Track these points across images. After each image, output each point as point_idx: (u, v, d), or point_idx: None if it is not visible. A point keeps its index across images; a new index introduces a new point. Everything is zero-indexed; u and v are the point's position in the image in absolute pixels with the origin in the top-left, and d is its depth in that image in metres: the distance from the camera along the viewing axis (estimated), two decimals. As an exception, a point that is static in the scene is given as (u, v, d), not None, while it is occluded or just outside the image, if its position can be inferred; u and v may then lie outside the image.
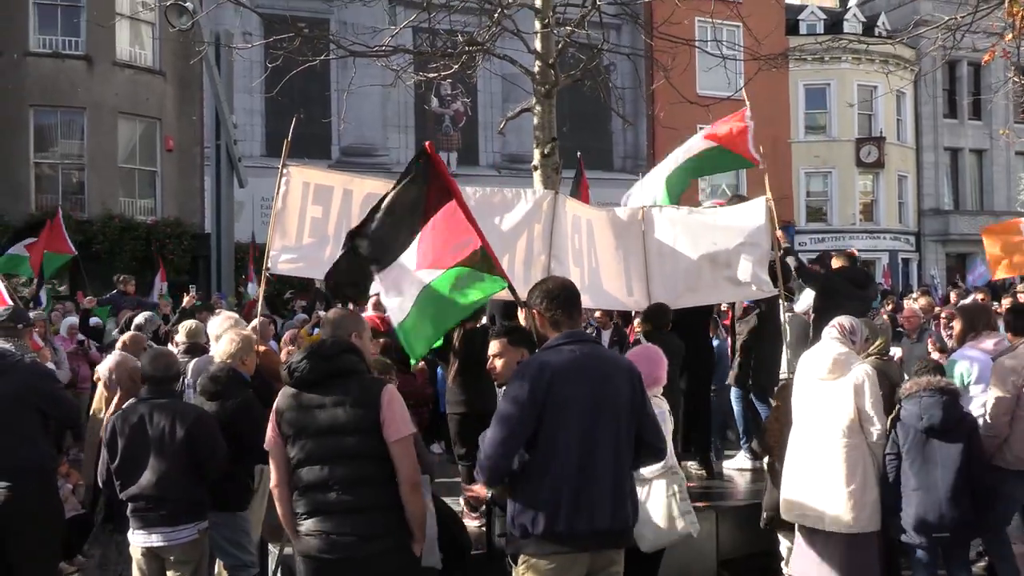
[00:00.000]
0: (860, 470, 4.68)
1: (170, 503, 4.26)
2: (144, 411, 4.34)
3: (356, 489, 3.40)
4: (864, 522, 4.65)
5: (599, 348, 3.72)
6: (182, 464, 4.26)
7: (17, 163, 18.61)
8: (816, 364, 4.82)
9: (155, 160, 20.37)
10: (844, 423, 4.67)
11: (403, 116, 23.80)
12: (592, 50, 7.77)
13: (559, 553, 3.27)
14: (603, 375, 3.41)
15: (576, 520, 3.24)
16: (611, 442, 3.35)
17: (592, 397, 3.33)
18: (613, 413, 3.37)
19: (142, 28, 20.23)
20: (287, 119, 6.65)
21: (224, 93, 16.36)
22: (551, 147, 7.03)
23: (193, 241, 19.53)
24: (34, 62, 18.82)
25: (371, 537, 3.39)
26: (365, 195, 6.41)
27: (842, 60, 28.30)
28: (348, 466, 3.41)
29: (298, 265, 6.33)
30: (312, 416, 3.45)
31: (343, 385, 3.47)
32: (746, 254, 6.97)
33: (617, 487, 3.34)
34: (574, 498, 3.25)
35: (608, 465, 3.32)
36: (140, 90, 19.88)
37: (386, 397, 3.46)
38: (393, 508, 3.44)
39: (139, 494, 4.25)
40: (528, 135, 7.36)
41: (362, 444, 3.41)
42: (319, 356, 3.51)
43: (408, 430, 3.49)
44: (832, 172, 29.52)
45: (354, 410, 3.42)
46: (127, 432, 4.30)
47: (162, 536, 4.26)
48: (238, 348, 4.94)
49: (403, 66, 8.42)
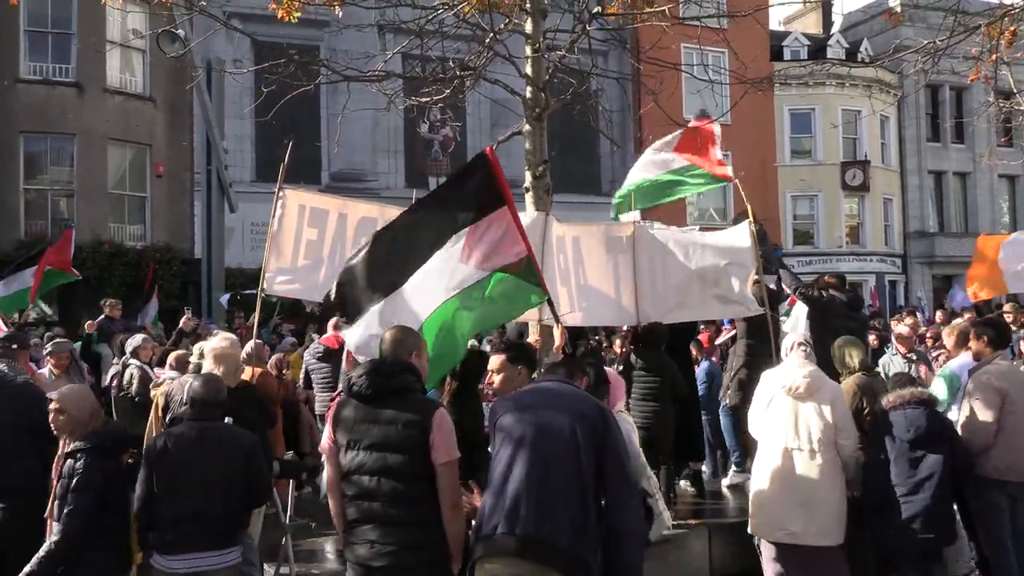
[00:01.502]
0: (838, 484, 4.91)
1: (221, 525, 4.23)
2: (199, 433, 4.27)
3: (400, 503, 3.55)
4: (839, 534, 4.86)
5: (554, 386, 3.82)
6: (235, 487, 4.25)
7: (7, 189, 18.61)
8: (787, 383, 5.00)
9: (145, 186, 20.39)
10: (819, 438, 4.88)
11: (393, 141, 23.93)
12: (582, 74, 7.91)
13: (490, 557, 3.39)
14: (554, 405, 3.62)
15: (500, 524, 3.38)
16: (550, 462, 3.45)
17: (538, 422, 3.52)
18: (561, 430, 3.49)
19: (132, 55, 20.33)
20: (277, 145, 6.74)
21: (215, 119, 16.44)
22: (542, 169, 7.14)
23: (183, 266, 19.52)
24: (24, 89, 18.88)
25: (412, 549, 3.54)
26: (360, 219, 6.51)
27: (826, 85, 28.70)
28: (394, 481, 3.55)
29: (293, 286, 6.40)
30: (365, 429, 3.62)
31: (398, 403, 3.63)
32: (734, 274, 7.14)
33: (546, 502, 3.38)
34: (499, 503, 3.41)
35: (543, 482, 3.40)
36: (130, 116, 19.95)
37: (436, 420, 3.61)
38: (433, 525, 3.57)
39: (189, 516, 4.14)
40: (516, 159, 7.47)
41: (409, 463, 3.56)
42: (378, 372, 3.67)
43: (455, 454, 3.63)
44: (818, 195, 29.81)
45: (406, 430, 3.58)
46: (178, 453, 4.20)
47: (210, 559, 4.18)
48: (226, 370, 5.01)
49: (395, 91, 8.53)
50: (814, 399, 4.94)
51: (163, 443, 4.25)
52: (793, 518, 4.85)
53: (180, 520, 4.14)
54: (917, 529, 4.84)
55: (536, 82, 7.04)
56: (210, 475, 4.20)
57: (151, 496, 4.17)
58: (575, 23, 7.65)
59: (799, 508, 4.84)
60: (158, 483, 4.15)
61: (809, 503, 4.84)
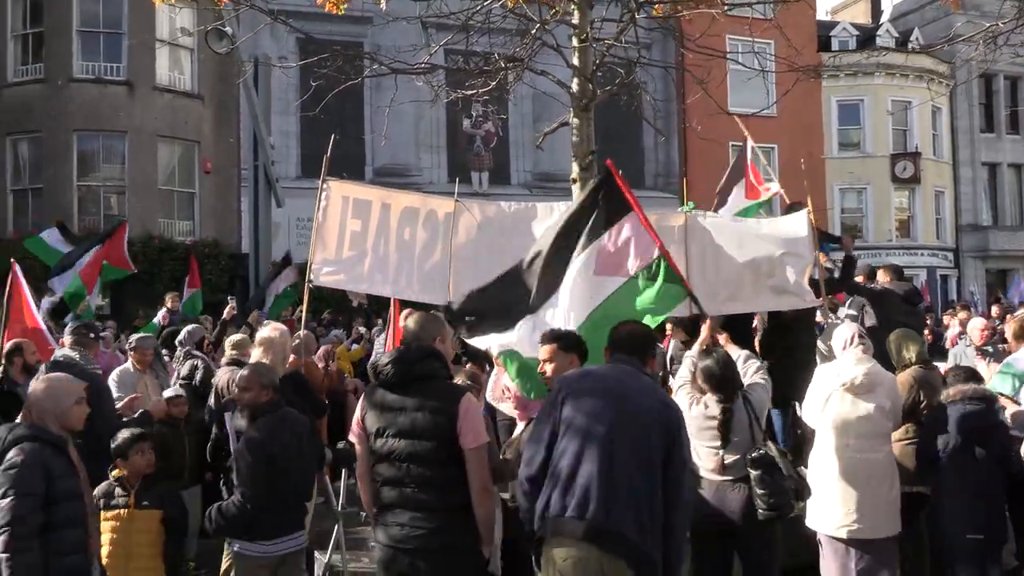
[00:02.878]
0: (895, 478, 4.86)
1: (298, 507, 4.37)
2: (280, 420, 4.32)
3: (429, 489, 3.59)
4: (896, 525, 4.83)
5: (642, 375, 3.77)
6: (312, 471, 4.39)
7: (61, 187, 19.06)
8: (845, 378, 4.90)
9: (193, 182, 20.75)
10: (877, 432, 4.83)
11: (435, 136, 24.02)
12: (629, 63, 7.83)
13: (557, 537, 3.37)
14: (636, 389, 3.61)
15: (569, 506, 3.36)
16: (628, 449, 3.43)
17: (617, 402, 3.51)
18: (636, 425, 3.47)
19: (181, 53, 20.68)
20: (322, 141, 6.78)
21: (262, 115, 16.64)
22: (589, 160, 7.07)
23: (230, 260, 19.82)
24: (78, 88, 19.31)
25: (439, 532, 3.57)
26: (403, 209, 6.51)
27: (875, 75, 28.11)
28: (423, 467, 3.59)
29: (338, 277, 6.42)
30: (393, 417, 3.65)
31: (424, 389, 3.65)
32: (789, 264, 6.97)
33: (621, 490, 3.36)
34: (569, 485, 3.39)
35: (620, 469, 3.39)
36: (179, 114, 20.30)
37: (463, 406, 3.64)
38: (462, 510, 3.61)
39: (289, 500, 4.24)
40: (559, 153, 7.46)
41: (437, 449, 3.58)
42: (403, 360, 3.69)
43: (483, 439, 3.65)
44: (867, 188, 29.24)
45: (432, 416, 3.60)
46: (271, 442, 4.24)
47: (298, 539, 4.31)
48: (273, 357, 5.04)
49: (440, 84, 8.54)
50: (872, 394, 4.86)
51: (257, 439, 4.25)
52: (852, 513, 4.77)
53: (275, 506, 4.21)
54: (969, 526, 4.74)
55: (583, 72, 6.97)
56: (292, 460, 4.26)
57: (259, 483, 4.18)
58: (623, 12, 7.58)
59: (858, 503, 4.77)
60: (264, 471, 4.16)
61: (867, 498, 4.77)
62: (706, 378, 4.66)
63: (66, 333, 6.63)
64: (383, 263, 6.31)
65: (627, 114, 9.60)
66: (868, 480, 4.77)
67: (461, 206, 6.34)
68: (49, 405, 3.78)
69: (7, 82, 19.46)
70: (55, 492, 3.66)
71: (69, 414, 3.83)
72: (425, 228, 6.31)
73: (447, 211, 6.36)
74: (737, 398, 4.63)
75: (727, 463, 4.55)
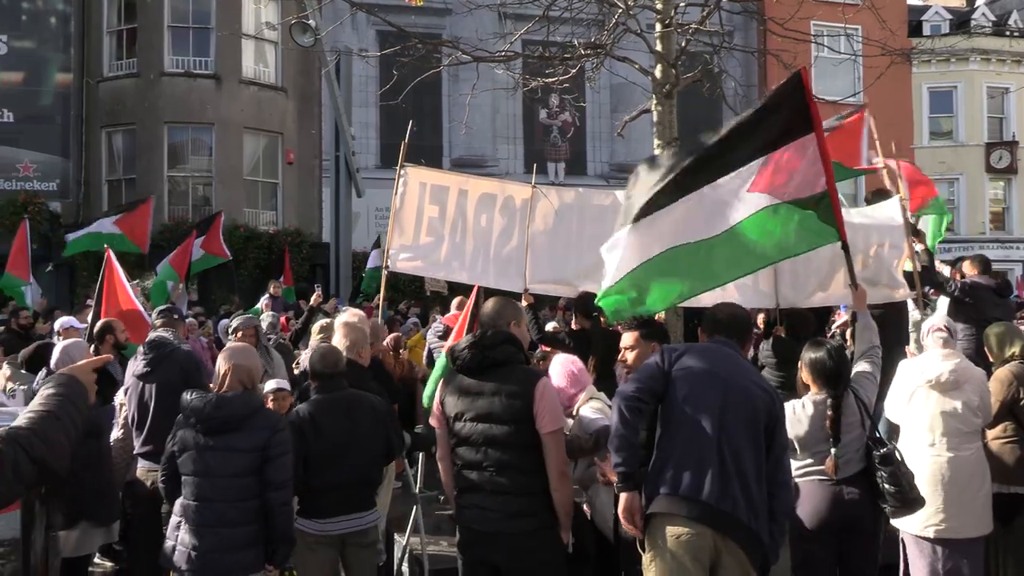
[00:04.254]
0: (985, 477, 4.67)
1: (372, 487, 4.44)
2: (342, 401, 4.38)
3: (507, 472, 3.62)
4: (987, 525, 4.64)
5: (733, 355, 3.74)
6: (375, 449, 4.41)
7: (153, 178, 19.76)
8: (930, 375, 4.70)
9: (277, 173, 21.25)
10: (965, 430, 4.63)
11: (512, 127, 24.04)
12: (713, 48, 7.68)
13: (669, 516, 3.38)
14: (741, 370, 3.60)
15: (682, 484, 3.38)
16: (737, 431, 3.44)
17: (725, 381, 3.50)
18: (745, 406, 3.47)
19: (265, 47, 21.18)
20: (401, 132, 6.84)
21: (344, 106, 16.93)
22: (673, 148, 6.96)
23: (312, 250, 20.25)
24: (168, 82, 19.97)
25: (518, 515, 3.60)
26: (480, 195, 6.54)
27: (970, 60, 26.91)
28: (501, 451, 3.62)
29: (416, 263, 6.50)
30: (471, 401, 3.69)
31: (501, 374, 3.68)
32: (884, 255, 6.70)
33: (731, 471, 3.38)
34: (683, 463, 3.40)
35: (729, 450, 3.40)
36: (264, 106, 20.81)
37: (540, 390, 3.66)
38: (539, 493, 3.63)
39: (347, 480, 4.29)
40: (636, 143, 7.37)
41: (514, 433, 3.61)
42: (480, 345, 3.74)
43: (560, 423, 3.68)
44: (960, 179, 28.05)
45: (510, 400, 3.63)
46: (326, 423, 4.30)
47: (361, 519, 4.36)
48: (352, 341, 5.09)
49: (521, 74, 8.53)
50: (960, 391, 4.65)
51: (307, 414, 4.34)
52: (939, 512, 4.58)
53: (333, 485, 4.25)
54: None
55: (667, 58, 6.86)
56: (361, 440, 4.31)
57: (299, 464, 4.22)
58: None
59: (945, 502, 4.59)
60: (309, 451, 4.22)
61: (954, 497, 4.58)
62: (817, 372, 4.29)
63: (154, 316, 6.87)
64: (460, 249, 6.36)
65: (706, 102, 9.36)
66: (956, 479, 4.58)
67: (538, 192, 6.34)
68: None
69: (103, 76, 20.26)
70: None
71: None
72: (502, 214, 6.34)
73: (524, 197, 6.37)
74: (848, 394, 4.29)
75: (840, 463, 4.18)
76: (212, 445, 3.90)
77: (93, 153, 20.31)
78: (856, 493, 4.19)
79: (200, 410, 3.93)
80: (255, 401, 4.13)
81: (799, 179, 4.39)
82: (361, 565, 4.43)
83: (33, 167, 19.97)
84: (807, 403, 4.28)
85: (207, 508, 3.89)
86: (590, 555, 4.46)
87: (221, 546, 3.85)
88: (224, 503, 3.88)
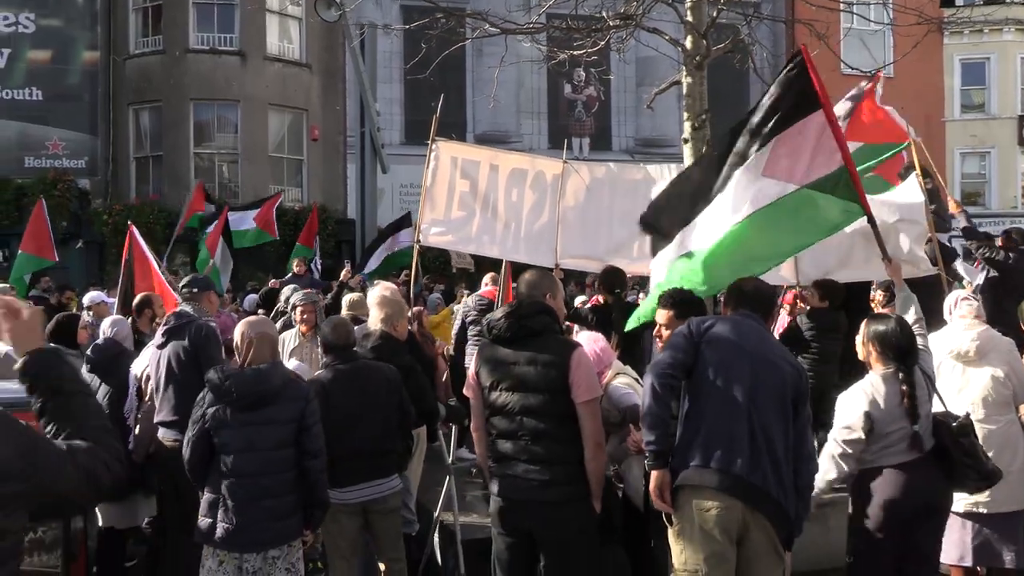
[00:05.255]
0: (1020, 449, 4.62)
1: (389, 455, 4.49)
2: (355, 372, 4.45)
3: (542, 441, 3.63)
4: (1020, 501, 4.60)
5: (769, 333, 3.84)
6: (396, 418, 4.48)
7: (179, 155, 19.89)
8: (954, 347, 4.64)
9: (302, 149, 21.29)
10: (995, 401, 4.60)
11: (536, 103, 23.90)
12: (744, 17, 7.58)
13: (698, 489, 3.40)
14: (769, 345, 3.63)
15: (713, 457, 3.40)
16: (766, 404, 3.45)
17: (753, 355, 3.50)
18: (773, 381, 3.48)
19: (289, 23, 21.16)
20: (425, 108, 6.84)
21: (368, 82, 16.90)
22: (703, 119, 6.90)
23: (337, 226, 20.32)
24: (193, 59, 20.03)
25: (553, 484, 3.61)
26: (511, 170, 6.54)
27: (1004, 31, 26.34)
28: (536, 420, 3.63)
29: (447, 238, 6.52)
30: (507, 370, 3.71)
31: (536, 344, 3.70)
32: (904, 231, 6.67)
33: (761, 445, 3.40)
34: (714, 436, 3.42)
35: (759, 423, 3.42)
36: (288, 83, 20.82)
37: (575, 359, 3.67)
38: (574, 463, 3.65)
39: (362, 449, 4.35)
40: (662, 118, 7.33)
41: (549, 402, 3.62)
42: (516, 315, 3.76)
43: (596, 392, 3.71)
44: (991, 152, 27.55)
45: (545, 370, 3.64)
46: (338, 393, 4.37)
47: (380, 487, 4.42)
48: (388, 314, 5.12)
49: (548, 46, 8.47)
50: (987, 361, 4.60)
51: (321, 385, 4.41)
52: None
53: (347, 454, 4.31)
54: None
55: (698, 28, 6.78)
56: (372, 409, 4.38)
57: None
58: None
59: None
60: (325, 422, 4.23)
61: None
62: (886, 345, 3.98)
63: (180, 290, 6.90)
64: (491, 224, 6.36)
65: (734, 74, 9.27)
66: (986, 451, 4.48)
67: (569, 168, 6.32)
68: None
69: (129, 54, 20.35)
70: None
71: None
72: (534, 189, 6.33)
73: (555, 172, 6.36)
74: (916, 369, 4.00)
75: (923, 439, 3.92)
76: (252, 420, 3.93)
77: (121, 130, 20.44)
78: (933, 475, 3.92)
79: (239, 385, 3.94)
80: (286, 372, 4.18)
81: (813, 159, 4.34)
82: (386, 531, 4.51)
83: (62, 144, 20.14)
84: (876, 380, 3.98)
85: (251, 482, 3.92)
86: (617, 526, 4.50)
87: (266, 518, 3.91)
88: (268, 476, 3.92)
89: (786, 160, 4.38)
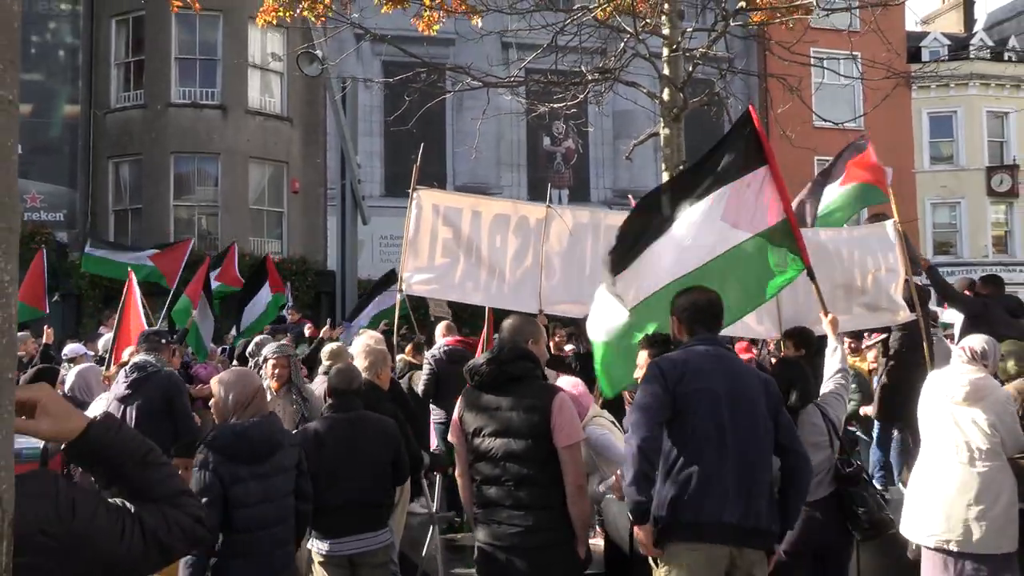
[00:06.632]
0: (1005, 493, 4.59)
1: (380, 508, 4.43)
2: (347, 422, 4.38)
3: (525, 487, 3.63)
4: (1010, 543, 4.56)
5: (731, 353, 3.84)
6: (386, 470, 4.42)
7: (159, 207, 19.88)
8: (949, 388, 4.70)
9: (282, 201, 21.37)
10: (986, 445, 4.59)
11: (516, 155, 24.21)
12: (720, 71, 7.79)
13: (690, 542, 3.37)
14: (736, 372, 3.58)
15: (704, 510, 3.36)
16: (747, 437, 3.45)
17: (727, 391, 3.47)
18: (749, 408, 3.48)
19: (271, 77, 21.39)
20: (405, 160, 6.94)
21: (349, 134, 17.07)
22: (680, 170, 7.04)
23: (317, 278, 20.30)
24: (175, 112, 20.15)
25: (537, 530, 3.60)
26: (494, 216, 6.59)
27: (969, 85, 27.15)
28: (519, 465, 3.64)
29: (431, 286, 6.53)
30: (489, 417, 3.72)
31: (518, 389, 3.71)
32: (882, 280, 6.79)
33: (748, 483, 3.40)
34: (703, 488, 3.37)
35: (743, 460, 3.41)
36: (269, 136, 20.97)
37: (556, 404, 3.68)
38: (557, 507, 3.65)
39: (352, 500, 4.28)
40: (639, 169, 7.45)
41: (532, 447, 3.64)
42: (497, 361, 3.77)
43: (577, 437, 3.70)
44: (961, 202, 28.16)
45: (527, 415, 3.66)
46: (331, 443, 4.30)
47: (369, 540, 4.33)
48: (371, 362, 5.12)
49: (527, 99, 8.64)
50: (978, 406, 4.64)
51: (315, 433, 4.36)
52: (944, 523, 4.58)
53: (338, 505, 4.24)
54: None
55: (675, 82, 6.96)
56: (365, 461, 4.32)
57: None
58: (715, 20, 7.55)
59: (962, 517, 4.56)
60: (317, 471, 4.17)
61: (972, 512, 4.54)
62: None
63: (140, 340, 6.85)
64: (474, 271, 6.38)
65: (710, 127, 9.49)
66: (970, 494, 4.54)
67: (553, 212, 6.38)
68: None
69: (110, 108, 20.45)
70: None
71: None
72: (516, 234, 6.38)
73: (539, 217, 6.41)
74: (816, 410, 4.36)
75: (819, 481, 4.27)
76: (264, 471, 3.78)
77: (100, 183, 20.45)
78: (825, 517, 4.25)
79: (255, 437, 3.77)
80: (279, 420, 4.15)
81: (759, 212, 4.67)
82: None
83: (40, 198, 20.09)
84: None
85: (265, 535, 3.75)
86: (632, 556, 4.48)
87: (280, 568, 3.82)
88: (280, 525, 3.83)
89: (739, 211, 4.68)
